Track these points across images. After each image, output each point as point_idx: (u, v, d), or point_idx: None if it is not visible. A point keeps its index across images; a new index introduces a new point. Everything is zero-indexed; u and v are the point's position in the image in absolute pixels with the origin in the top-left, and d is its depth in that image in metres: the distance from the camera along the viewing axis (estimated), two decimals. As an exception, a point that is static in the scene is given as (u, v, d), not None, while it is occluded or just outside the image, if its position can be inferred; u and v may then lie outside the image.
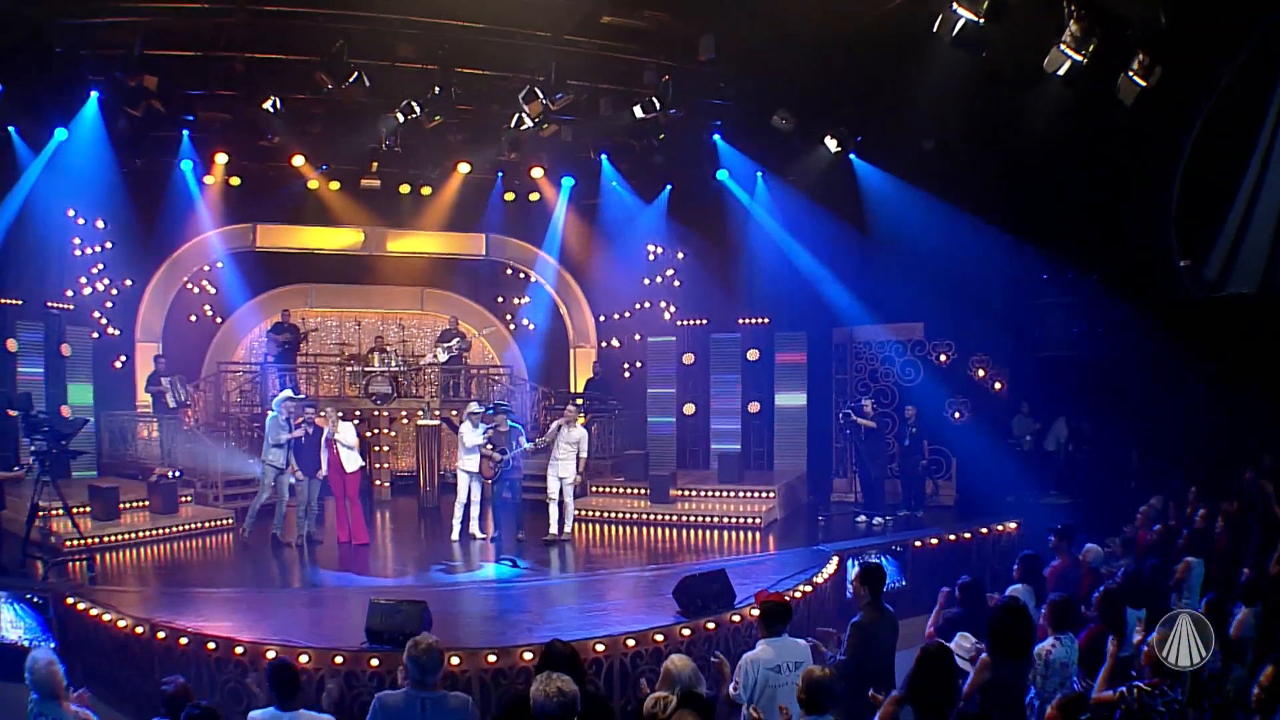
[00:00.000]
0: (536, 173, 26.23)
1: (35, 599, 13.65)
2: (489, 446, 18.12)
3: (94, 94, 20.49)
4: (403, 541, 20.10)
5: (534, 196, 27.57)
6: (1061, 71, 15.46)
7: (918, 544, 17.91)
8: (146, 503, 19.57)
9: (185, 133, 22.91)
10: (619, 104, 21.51)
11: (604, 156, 25.37)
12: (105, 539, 17.37)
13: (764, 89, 20.82)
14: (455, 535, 18.80)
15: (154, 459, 21.96)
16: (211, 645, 11.72)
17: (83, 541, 16.34)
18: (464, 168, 25.63)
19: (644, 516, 20.60)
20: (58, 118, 21.09)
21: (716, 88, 21.49)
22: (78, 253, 24.02)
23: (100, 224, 24.26)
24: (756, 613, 9.67)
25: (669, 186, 26.50)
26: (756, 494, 21.03)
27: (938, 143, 21.27)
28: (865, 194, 23.13)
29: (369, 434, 23.81)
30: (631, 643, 11.96)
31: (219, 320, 26.87)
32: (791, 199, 24.17)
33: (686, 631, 12.34)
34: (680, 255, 27.49)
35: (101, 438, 23.21)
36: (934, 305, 22.50)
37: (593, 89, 21.43)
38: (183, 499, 20.09)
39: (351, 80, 18.97)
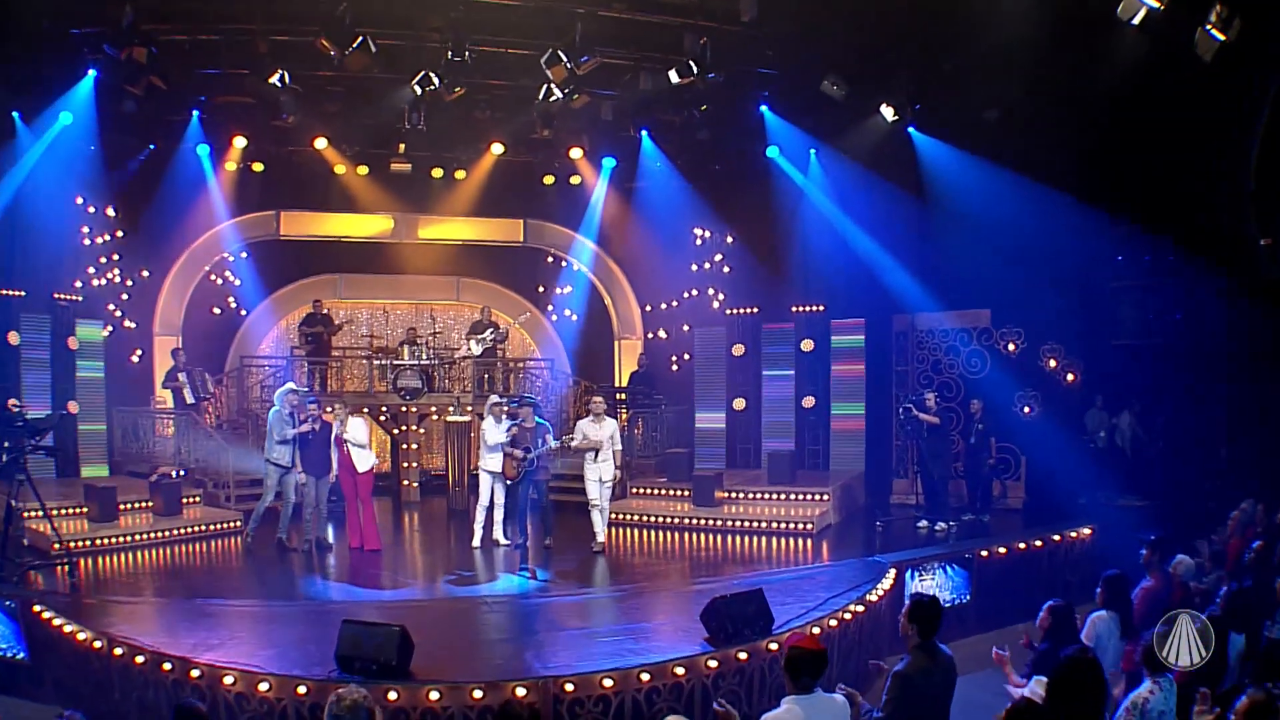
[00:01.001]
0: (575, 153, 24.94)
1: (9, 604, 12.83)
2: (512, 444, 16.74)
3: (91, 72, 19.57)
4: (420, 547, 18.99)
5: (574, 180, 26.30)
6: (1136, 20, 13.88)
7: (984, 553, 16.23)
8: (149, 503, 18.60)
9: (195, 113, 21.93)
10: (659, 77, 20.19)
11: (644, 132, 24.01)
12: (99, 542, 16.61)
13: (812, 52, 19.56)
14: (476, 541, 17.46)
15: (168, 457, 21.13)
16: (167, 666, 10.51)
17: (64, 545, 15.61)
18: (497, 149, 24.42)
19: (686, 521, 19.10)
20: (61, 101, 20.15)
21: (761, 53, 20.23)
22: (86, 242, 23.05)
23: (111, 212, 23.33)
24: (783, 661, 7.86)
25: (716, 166, 25.15)
26: (809, 496, 19.56)
27: (1002, 111, 20.01)
28: (925, 169, 21.71)
29: (396, 431, 22.87)
30: (646, 676, 10.26)
31: (243, 313, 25.95)
32: (846, 175, 22.68)
33: (714, 663, 10.62)
34: (729, 239, 26.03)
35: (114, 434, 22.34)
36: (1002, 290, 20.81)
37: (628, 58, 20.35)
38: (190, 499, 19.33)
39: (356, 46, 17.77)
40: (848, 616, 12.43)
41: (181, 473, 19.94)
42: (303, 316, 24.77)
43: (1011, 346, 21.09)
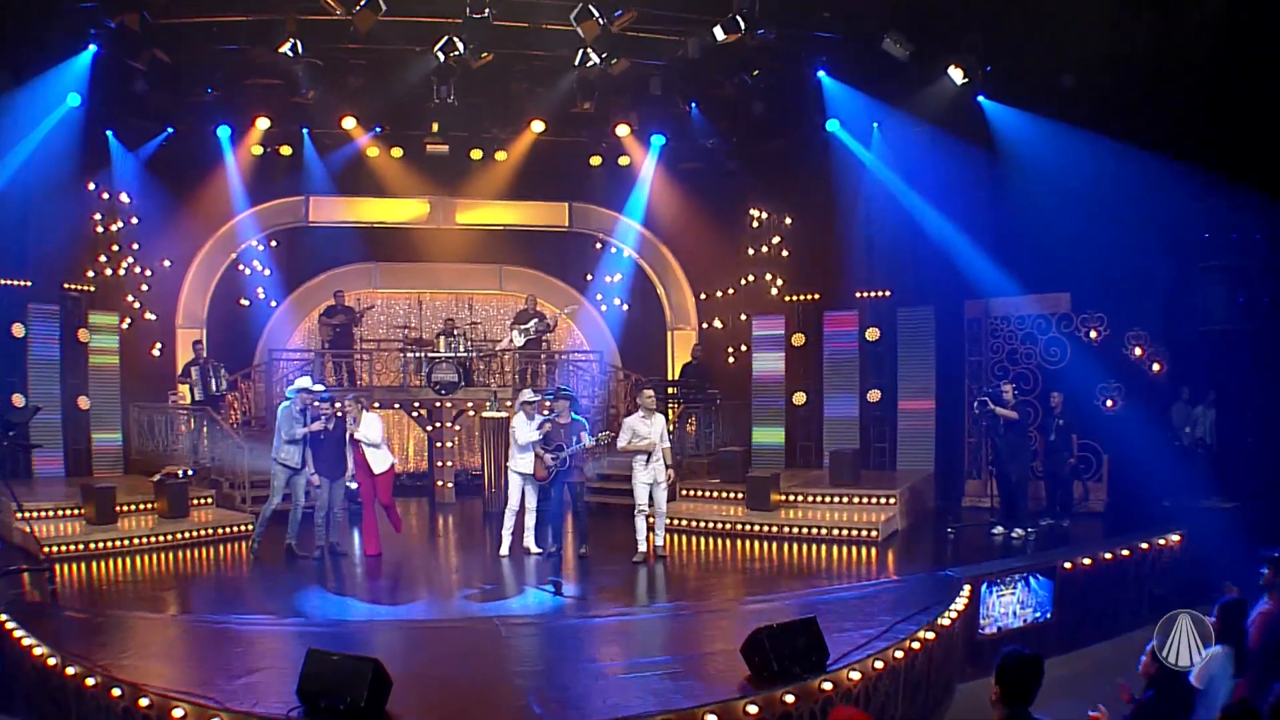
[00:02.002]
0: (622, 130, 23.29)
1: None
2: (545, 442, 15.44)
3: (91, 47, 18.42)
4: (445, 555, 17.58)
5: (623, 160, 24.73)
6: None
7: (1068, 565, 14.51)
8: (153, 505, 17.49)
9: (209, 92, 20.58)
10: (707, 43, 18.94)
11: (694, 106, 22.41)
12: (93, 546, 15.70)
13: (873, 7, 18.20)
14: (504, 549, 15.97)
15: (185, 456, 20.17)
16: (117, 692, 9.27)
17: (41, 550, 14.47)
18: (537, 126, 22.84)
19: (738, 527, 17.58)
20: (63, 78, 19.03)
21: (817, 13, 18.95)
22: (99, 230, 21.98)
23: (125, 198, 22.28)
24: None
25: (772, 142, 23.40)
26: (874, 500, 17.93)
27: (1077, 76, 18.55)
28: (998, 138, 20.03)
29: (431, 428, 21.71)
30: (671, 728, 8.50)
31: (273, 304, 24.85)
32: (912, 148, 20.99)
33: (753, 708, 8.85)
34: (787, 220, 24.31)
35: (129, 432, 21.56)
36: (1083, 272, 19.28)
37: (669, 17, 19.01)
38: (202, 501, 18.38)
39: (363, 4, 16.43)
40: (915, 646, 10.71)
41: (190, 472, 18.88)
42: (324, 308, 23.79)
43: (1093, 333, 19.68)
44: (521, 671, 10.36)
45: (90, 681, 9.55)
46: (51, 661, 10.11)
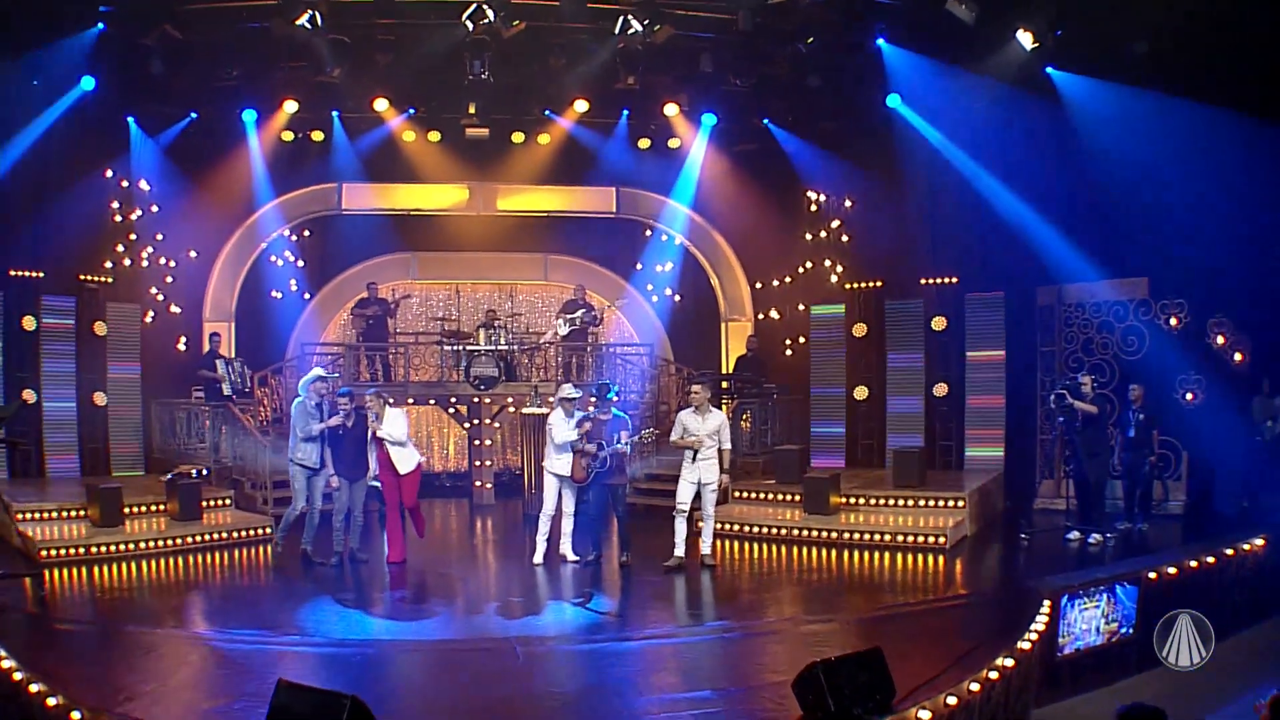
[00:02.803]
0: (670, 110, 22.15)
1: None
2: (584, 441, 14.31)
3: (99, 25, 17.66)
4: (475, 562, 16.20)
5: (672, 143, 23.58)
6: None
7: (1152, 575, 12.96)
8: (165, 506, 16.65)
9: (230, 71, 19.59)
10: (755, 14, 18.07)
11: (747, 82, 20.96)
12: (95, 549, 14.81)
13: None
14: (538, 557, 14.74)
15: (205, 455, 19.27)
16: (76, 715, 8.45)
17: (32, 554, 14.30)
18: (581, 106, 21.73)
19: (795, 532, 16.27)
20: (76, 59, 18.30)
21: None
22: (117, 219, 21.12)
23: (144, 185, 21.43)
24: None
25: (830, 120, 22.14)
26: (941, 503, 16.60)
27: (1152, 42, 17.30)
28: (1069, 111, 18.75)
29: (469, 426, 20.70)
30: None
31: (306, 296, 23.94)
32: (979, 124, 19.73)
33: (804, 760, 7.46)
34: (848, 203, 22.88)
35: (150, 430, 20.96)
36: (1162, 255, 17.99)
37: None
38: (219, 502, 17.48)
39: None
40: (994, 676, 9.29)
41: (204, 471, 18.14)
42: (356, 300, 22.86)
43: (1174, 321, 18.40)
44: (535, 706, 9.11)
45: (51, 702, 8.68)
46: (17, 677, 9.20)
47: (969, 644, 10.14)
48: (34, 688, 8.86)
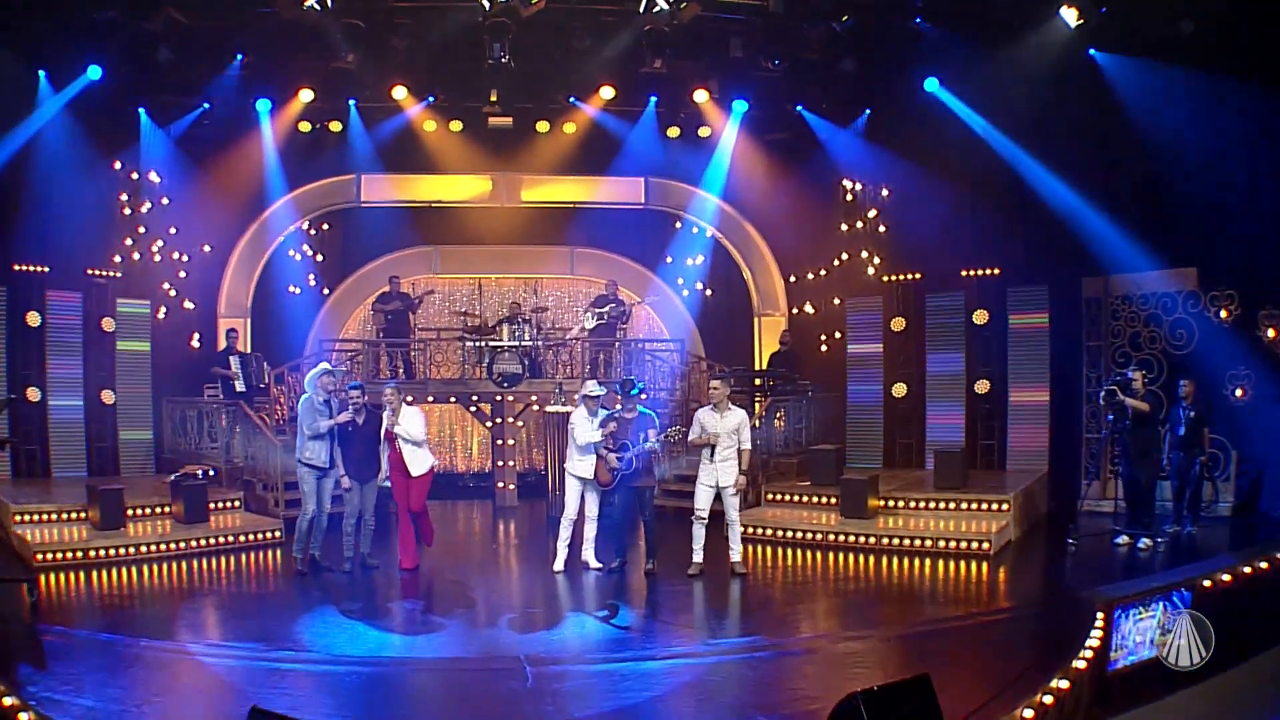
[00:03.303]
0: (700, 96, 21.32)
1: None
2: (609, 442, 13.54)
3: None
4: (491, 570, 15.26)
5: (703, 131, 22.76)
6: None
7: (1206, 583, 12.09)
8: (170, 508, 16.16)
9: (240, 57, 19.08)
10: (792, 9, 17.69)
11: (777, 64, 20.10)
12: (95, 553, 14.23)
13: None
14: (558, 565, 13.94)
15: (215, 455, 18.61)
16: None
17: (24, 558, 13.96)
18: (607, 92, 21.12)
19: (831, 538, 15.46)
20: (89, 54, 18.08)
21: None
22: (126, 211, 20.70)
23: (154, 177, 20.97)
24: None
25: (865, 105, 21.36)
26: (985, 506, 15.84)
27: (1198, 20, 16.54)
28: (1113, 95, 17.91)
29: (491, 424, 20.07)
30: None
31: (326, 291, 23.38)
32: (1021, 107, 18.89)
33: (842, 806, 6.61)
34: (885, 192, 22.06)
35: (162, 429, 20.33)
36: (1211, 244, 17.50)
37: None
38: (228, 504, 16.92)
39: None
40: (1048, 701, 8.44)
41: (211, 472, 17.50)
42: (378, 294, 22.09)
43: (1224, 313, 17.60)
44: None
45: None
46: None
47: (1020, 664, 9.43)
48: (7, 701, 8.04)
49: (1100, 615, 10.32)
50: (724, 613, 12.31)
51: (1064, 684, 8.89)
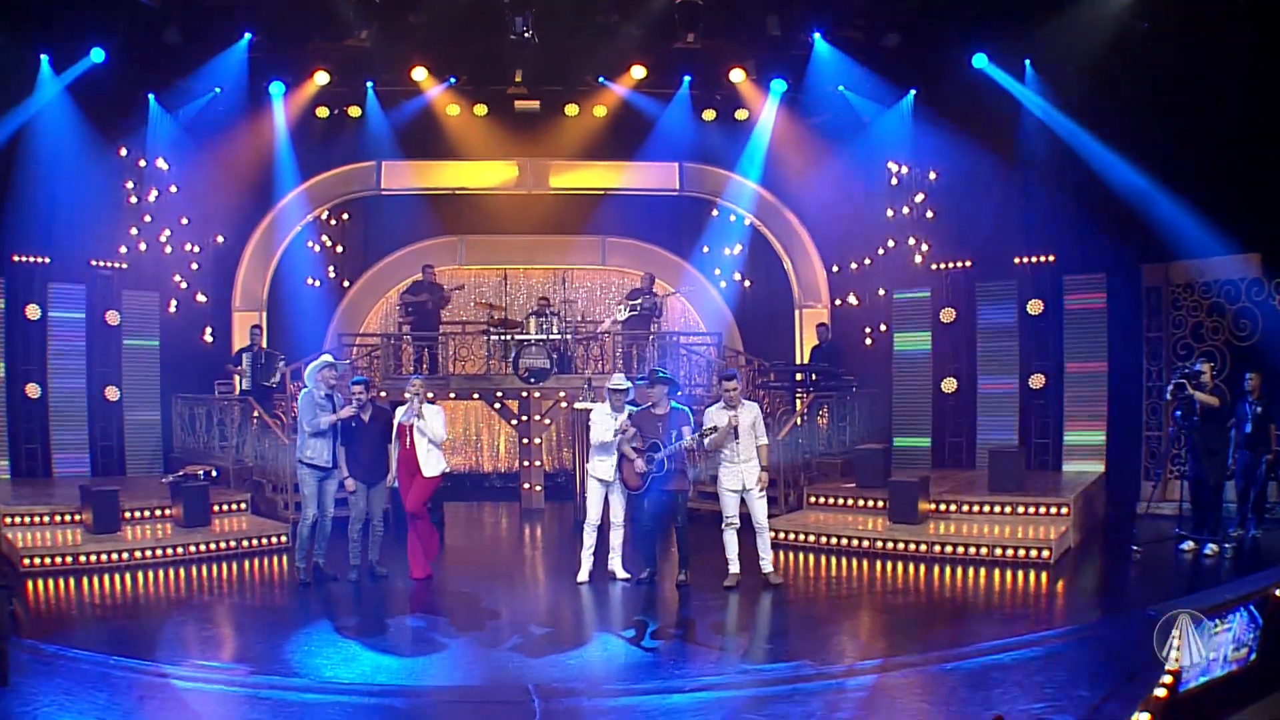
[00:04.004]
0: (736, 76, 20.51)
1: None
2: (636, 440, 12.43)
3: None
4: (510, 579, 14.03)
5: (740, 114, 21.87)
6: None
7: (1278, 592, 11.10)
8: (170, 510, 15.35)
9: (250, 36, 18.41)
10: None
11: (818, 36, 19.38)
12: (86, 559, 13.44)
13: None
14: (583, 575, 12.86)
15: (222, 454, 17.86)
16: None
17: (25, 561, 13.18)
18: (638, 72, 20.34)
19: (879, 545, 14.32)
20: (92, 35, 17.49)
21: None
22: (133, 200, 19.88)
23: (162, 164, 20.04)
24: None
25: (910, 84, 20.22)
26: (1043, 510, 14.75)
27: None
28: (1170, 66, 16.65)
29: (516, 422, 19.25)
30: None
31: (346, 284, 22.64)
32: (1072, 84, 17.96)
33: None
34: (932, 175, 20.87)
35: (173, 427, 19.59)
36: (1275, 227, 16.26)
37: None
38: (232, 506, 16.00)
39: None
40: (1134, 738, 7.34)
41: (214, 473, 16.67)
42: (408, 285, 21.19)
43: None
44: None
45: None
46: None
47: (1096, 694, 8.29)
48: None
49: (1176, 633, 9.37)
50: (762, 632, 11.19)
51: (1144, 716, 7.87)
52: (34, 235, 18.05)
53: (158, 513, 15.15)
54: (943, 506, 15.16)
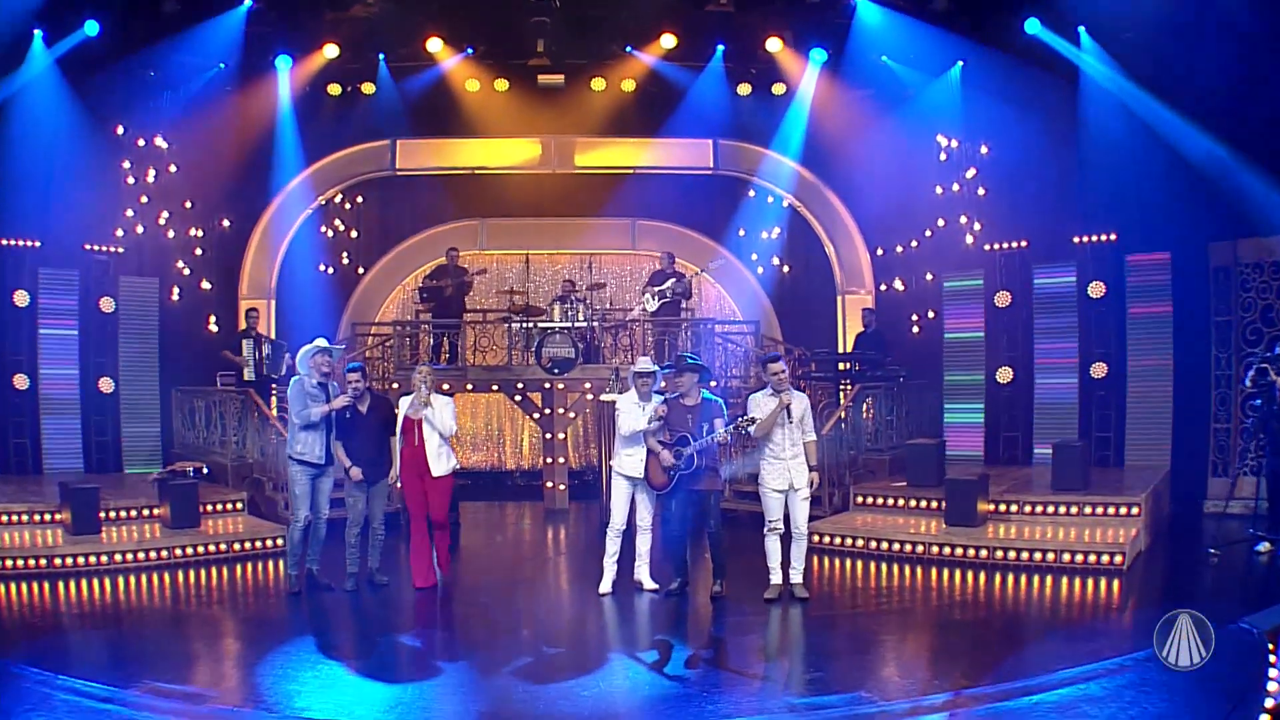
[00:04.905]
0: (774, 45, 19.62)
1: None
2: (662, 433, 11.16)
3: None
4: (525, 589, 12.64)
5: (777, 88, 20.95)
6: None
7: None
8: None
9: (248, 3, 17.80)
10: None
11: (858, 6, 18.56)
12: (62, 562, 12.53)
13: None
14: (605, 586, 11.51)
15: (220, 449, 16.93)
16: None
17: None
18: (668, 40, 19.51)
19: (933, 550, 12.96)
20: (86, 7, 16.92)
21: None
22: (130, 180, 19.03)
23: (162, 143, 19.30)
24: None
25: (960, 54, 19.10)
26: (1112, 510, 13.49)
27: None
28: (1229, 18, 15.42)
29: (538, 415, 18.10)
30: None
31: (360, 271, 21.86)
32: (1133, 46, 16.87)
33: None
34: (983, 149, 19.70)
35: (173, 420, 18.76)
36: None
37: None
38: (227, 506, 14.84)
39: None
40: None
41: (205, 469, 15.98)
42: (431, 269, 20.30)
43: None
44: None
45: None
46: None
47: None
48: None
49: (1271, 647, 8.24)
50: (808, 655, 9.74)
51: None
52: (23, 217, 17.23)
53: (144, 513, 14.16)
54: (1002, 507, 13.88)
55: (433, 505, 11.64)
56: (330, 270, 21.41)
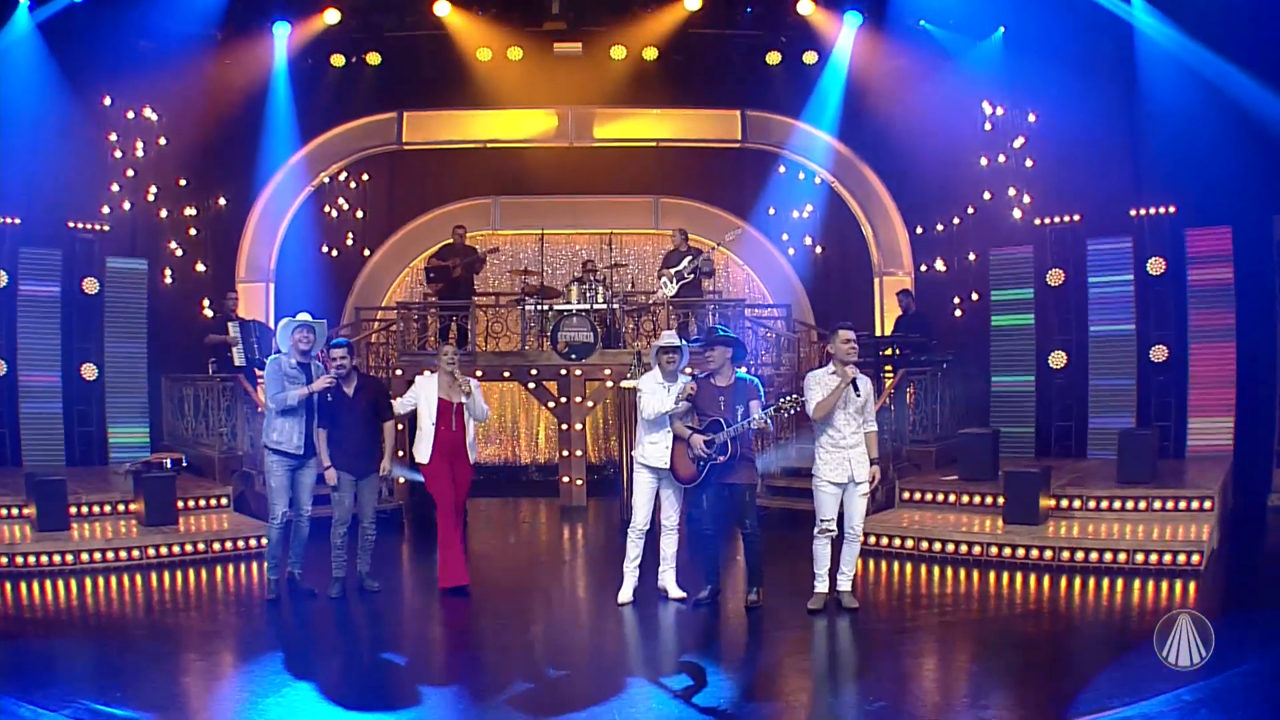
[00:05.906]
0: (805, 8, 18.83)
1: None
2: (691, 417, 9.93)
3: None
4: (535, 598, 11.36)
5: (809, 57, 20.17)
6: None
7: None
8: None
9: None
10: None
11: None
12: (24, 560, 11.63)
13: None
14: (625, 595, 10.24)
15: (212, 439, 15.85)
16: None
17: None
18: (693, 3, 18.76)
19: (991, 551, 11.72)
20: None
21: None
22: (118, 154, 18.31)
23: (151, 114, 18.58)
24: None
25: (1004, 12, 18.37)
26: (1182, 505, 12.30)
27: None
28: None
29: (555, 404, 17.30)
30: None
31: (366, 253, 21.36)
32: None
33: None
34: (1031, 117, 18.66)
35: (163, 409, 17.94)
36: None
37: None
38: (212, 501, 13.89)
39: None
40: None
41: (183, 461, 15.31)
42: (437, 249, 19.36)
43: None
44: None
45: None
46: None
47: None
48: None
49: None
50: (865, 679, 8.31)
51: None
52: (2, 193, 16.29)
53: (119, 508, 13.18)
54: (1064, 503, 12.65)
55: (460, 489, 10.73)
56: (334, 253, 20.80)
